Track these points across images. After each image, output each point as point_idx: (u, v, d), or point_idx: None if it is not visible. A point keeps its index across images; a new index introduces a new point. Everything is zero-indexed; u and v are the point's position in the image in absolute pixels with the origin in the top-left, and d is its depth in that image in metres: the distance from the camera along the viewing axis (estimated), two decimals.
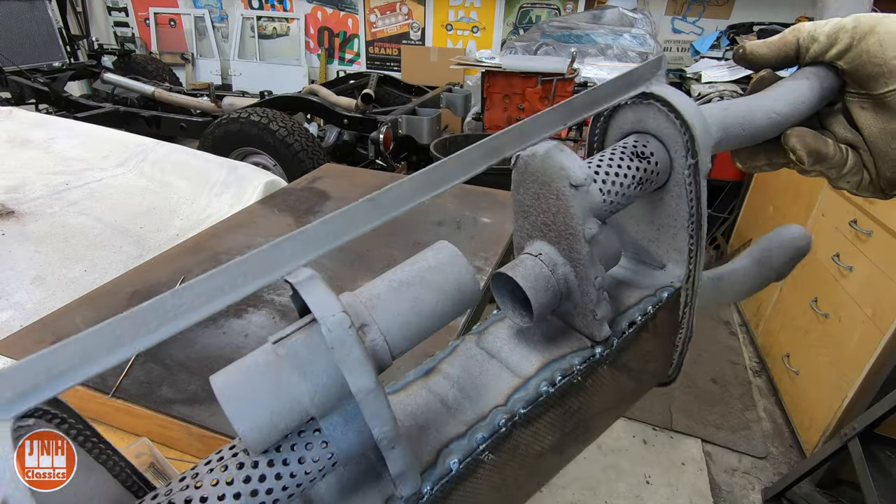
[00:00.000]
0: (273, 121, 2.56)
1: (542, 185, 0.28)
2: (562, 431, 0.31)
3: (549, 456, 0.31)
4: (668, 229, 0.33)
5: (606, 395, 0.33)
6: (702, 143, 0.29)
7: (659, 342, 0.35)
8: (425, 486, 0.25)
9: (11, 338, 0.74)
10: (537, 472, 0.31)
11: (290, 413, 0.20)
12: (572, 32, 3.44)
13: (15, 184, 1.43)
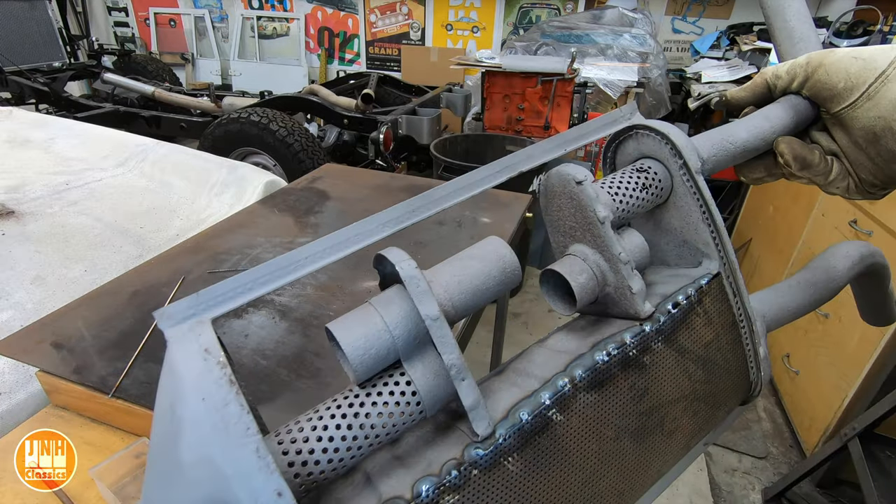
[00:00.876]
0: (273, 121, 2.56)
1: (560, 196, 0.35)
2: (636, 414, 0.32)
3: (628, 444, 0.32)
4: (689, 228, 0.37)
5: (676, 383, 0.34)
6: (682, 145, 0.35)
7: (718, 333, 0.36)
8: (498, 430, 0.27)
9: (11, 338, 0.74)
10: (621, 464, 0.32)
11: (378, 339, 0.25)
12: (572, 32, 3.44)
13: (15, 184, 1.43)
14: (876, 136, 0.36)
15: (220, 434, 0.20)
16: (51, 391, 0.71)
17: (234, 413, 0.20)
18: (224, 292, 0.24)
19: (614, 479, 0.31)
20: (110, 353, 0.71)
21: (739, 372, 0.38)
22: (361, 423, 0.25)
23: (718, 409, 0.37)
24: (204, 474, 0.20)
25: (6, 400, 0.80)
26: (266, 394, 0.64)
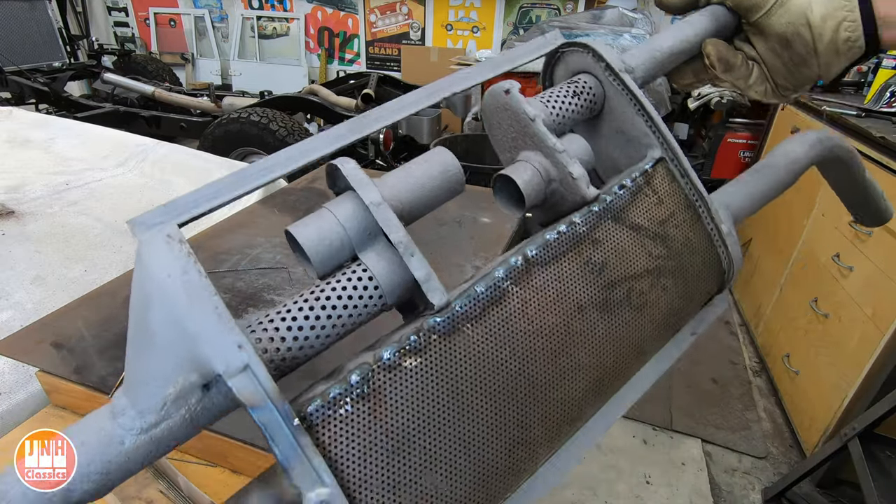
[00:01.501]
0: (273, 121, 2.56)
1: (496, 112, 0.38)
2: (598, 287, 0.33)
3: (595, 316, 0.32)
4: (628, 125, 0.39)
5: (635, 257, 0.35)
6: (602, 50, 0.38)
7: (673, 211, 0.37)
8: (455, 301, 0.28)
9: (11, 338, 0.74)
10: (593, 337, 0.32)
11: (331, 232, 0.28)
12: (572, 32, 3.43)
13: (15, 184, 1.43)
14: (788, 41, 0.40)
15: (182, 298, 0.22)
16: (51, 391, 0.71)
17: (194, 279, 0.23)
18: (189, 202, 0.27)
19: (592, 352, 0.32)
20: (110, 353, 0.71)
21: (706, 251, 0.38)
22: (324, 305, 0.27)
23: (692, 288, 0.37)
24: (173, 336, 0.23)
25: (6, 400, 0.80)
26: None
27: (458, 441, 0.26)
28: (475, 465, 0.27)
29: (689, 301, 0.37)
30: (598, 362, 0.32)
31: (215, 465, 0.64)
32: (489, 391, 0.28)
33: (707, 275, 0.38)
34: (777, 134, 2.57)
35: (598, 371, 0.32)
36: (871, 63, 2.22)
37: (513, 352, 0.29)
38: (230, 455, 0.62)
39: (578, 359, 0.31)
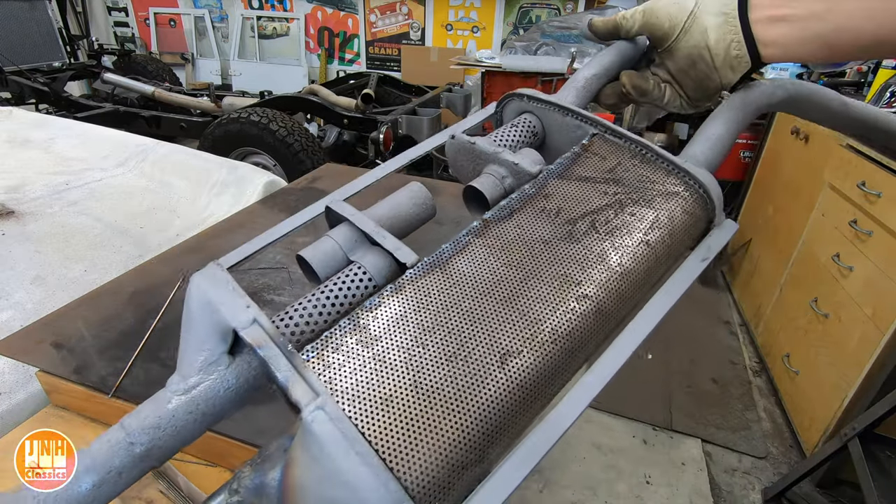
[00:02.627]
0: (273, 121, 2.56)
1: (455, 155, 0.47)
2: (559, 224, 0.36)
3: (563, 247, 0.35)
4: (564, 129, 0.46)
5: (590, 197, 0.38)
6: (529, 91, 0.47)
7: (620, 160, 0.42)
8: (423, 258, 0.34)
9: (11, 338, 0.74)
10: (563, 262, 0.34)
11: (328, 246, 0.37)
12: (572, 32, 3.44)
13: (15, 184, 1.43)
14: (693, 62, 0.47)
15: (209, 285, 0.33)
16: (51, 391, 0.71)
17: (218, 273, 0.35)
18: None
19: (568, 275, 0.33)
20: (110, 353, 0.71)
21: (669, 181, 0.40)
22: (328, 296, 0.34)
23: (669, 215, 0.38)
24: (203, 312, 0.32)
25: (6, 400, 0.80)
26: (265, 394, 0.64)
27: (433, 355, 0.29)
28: (445, 379, 0.29)
29: (672, 225, 0.38)
30: (593, 288, 0.34)
31: (215, 465, 0.64)
32: (459, 319, 0.31)
33: (685, 209, 0.40)
34: (777, 134, 2.57)
35: (594, 289, 0.33)
36: (870, 63, 2.22)
37: (485, 280, 0.33)
38: (230, 455, 0.62)
39: (552, 279, 0.34)
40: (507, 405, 0.28)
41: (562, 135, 0.46)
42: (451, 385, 0.28)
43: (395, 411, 0.27)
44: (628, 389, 2.04)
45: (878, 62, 2.01)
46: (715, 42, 0.45)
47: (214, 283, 0.34)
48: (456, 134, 0.45)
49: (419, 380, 0.28)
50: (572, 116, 0.45)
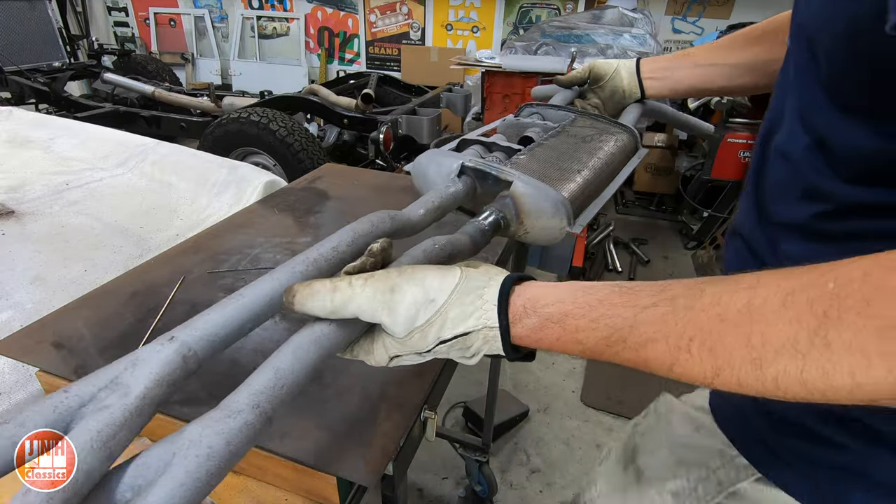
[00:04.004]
0: (273, 121, 2.56)
1: (509, 126, 0.80)
2: (579, 138, 0.74)
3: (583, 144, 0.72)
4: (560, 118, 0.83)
5: (586, 132, 0.76)
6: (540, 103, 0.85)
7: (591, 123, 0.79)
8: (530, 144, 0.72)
9: (11, 338, 0.74)
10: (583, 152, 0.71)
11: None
12: (572, 32, 3.44)
13: (15, 184, 1.43)
14: (612, 95, 0.87)
15: (436, 156, 0.66)
16: (51, 391, 0.71)
17: (439, 151, 0.67)
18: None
19: (588, 153, 0.70)
20: (110, 353, 0.71)
21: (615, 131, 0.78)
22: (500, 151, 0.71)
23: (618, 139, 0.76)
24: (440, 163, 0.65)
25: (6, 400, 0.80)
26: None
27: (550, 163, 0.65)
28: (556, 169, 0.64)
29: (619, 143, 0.76)
30: (597, 158, 0.69)
31: None
32: (556, 156, 0.67)
33: (625, 138, 0.77)
34: None
35: (597, 161, 0.69)
36: None
37: (551, 153, 0.67)
38: None
39: (580, 156, 0.69)
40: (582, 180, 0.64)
41: (556, 119, 0.82)
42: (558, 171, 0.63)
43: (543, 175, 0.61)
44: (628, 390, 2.04)
45: None
46: (627, 85, 0.86)
47: (438, 154, 0.65)
48: (508, 119, 0.83)
49: (546, 169, 0.63)
50: (563, 110, 0.83)
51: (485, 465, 1.56)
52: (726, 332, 0.30)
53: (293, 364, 0.38)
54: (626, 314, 0.34)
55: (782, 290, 0.29)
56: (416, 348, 0.40)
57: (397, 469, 0.61)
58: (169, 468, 0.31)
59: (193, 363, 0.37)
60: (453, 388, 2.09)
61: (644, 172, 3.59)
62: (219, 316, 0.39)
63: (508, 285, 0.39)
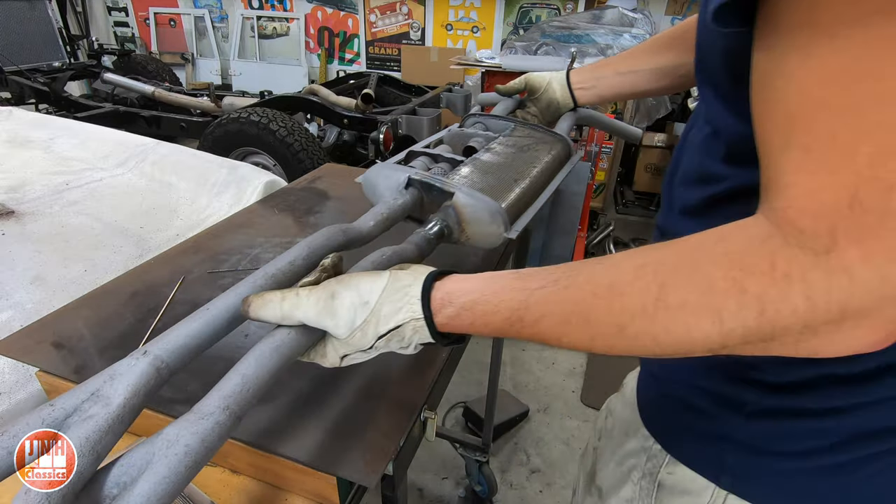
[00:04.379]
0: (273, 121, 2.56)
1: (455, 136, 0.92)
2: (517, 147, 0.83)
3: (519, 153, 0.81)
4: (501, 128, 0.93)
5: (524, 141, 0.85)
6: (482, 114, 0.96)
7: (528, 132, 0.90)
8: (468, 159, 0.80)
9: (11, 338, 0.74)
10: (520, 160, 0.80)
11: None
12: (572, 32, 3.43)
13: (15, 184, 1.43)
14: (548, 106, 0.95)
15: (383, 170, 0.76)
16: (51, 391, 0.71)
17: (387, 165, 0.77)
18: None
19: (524, 163, 0.78)
20: (110, 353, 0.71)
21: (548, 139, 0.88)
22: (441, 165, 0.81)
23: (552, 149, 0.86)
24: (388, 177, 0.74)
25: (6, 400, 0.80)
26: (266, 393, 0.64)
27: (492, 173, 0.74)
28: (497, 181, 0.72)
29: (554, 151, 0.86)
30: (532, 167, 0.78)
31: (215, 465, 0.64)
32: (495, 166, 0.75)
33: (559, 146, 0.87)
34: None
35: (526, 170, 0.77)
36: None
37: (492, 164, 0.76)
38: (230, 455, 0.62)
39: (517, 166, 0.77)
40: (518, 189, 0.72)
41: (497, 129, 0.91)
42: (496, 180, 0.71)
43: (482, 185, 0.69)
44: None
45: None
46: (560, 96, 0.93)
47: (386, 168, 0.73)
48: (452, 129, 0.92)
49: (485, 179, 0.71)
50: (503, 120, 0.92)
51: (485, 465, 1.56)
52: (596, 305, 0.36)
53: (257, 370, 0.42)
54: (520, 297, 0.39)
55: (635, 264, 0.35)
56: (360, 346, 0.45)
57: (397, 469, 0.61)
58: (151, 465, 0.34)
59: (166, 373, 0.41)
60: (453, 388, 2.09)
61: (644, 172, 3.58)
62: (187, 329, 0.44)
63: (430, 281, 0.43)
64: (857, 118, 0.26)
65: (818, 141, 0.28)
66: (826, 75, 0.27)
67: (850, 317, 0.28)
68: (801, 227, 0.28)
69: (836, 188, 0.27)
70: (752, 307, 0.29)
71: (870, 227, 0.26)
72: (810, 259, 0.28)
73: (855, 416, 0.42)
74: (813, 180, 0.28)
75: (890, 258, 0.26)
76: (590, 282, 0.36)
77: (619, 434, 0.65)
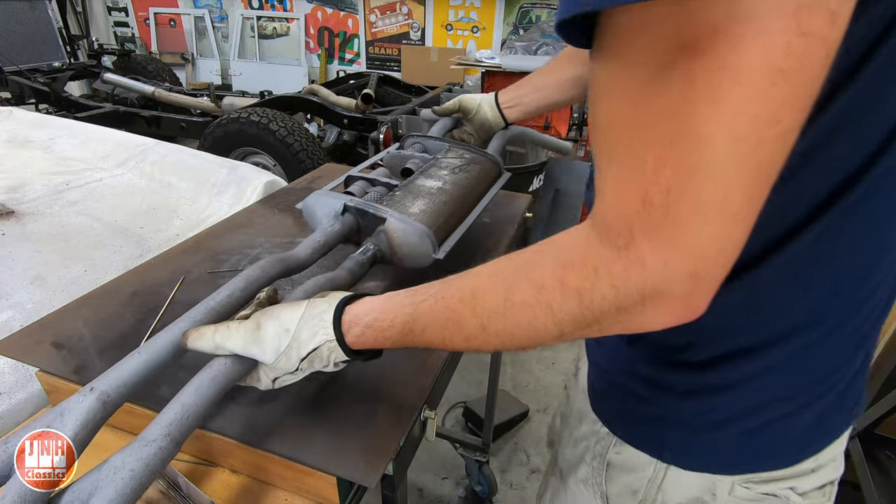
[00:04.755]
0: (273, 121, 2.56)
1: (394, 158, 0.98)
2: (451, 168, 0.88)
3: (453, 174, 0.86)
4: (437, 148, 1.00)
5: (455, 163, 0.91)
6: (421, 135, 1.02)
7: (460, 154, 0.95)
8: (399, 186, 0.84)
9: (11, 338, 0.74)
10: (461, 186, 0.85)
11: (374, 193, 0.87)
12: None
13: (15, 184, 1.43)
14: (482, 125, 1.00)
15: (321, 197, 0.79)
16: (51, 391, 0.71)
17: (323, 193, 0.81)
18: None
19: (458, 184, 0.84)
20: (110, 353, 0.71)
21: (480, 160, 0.93)
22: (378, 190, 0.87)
23: (483, 168, 0.92)
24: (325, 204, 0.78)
25: (6, 400, 0.80)
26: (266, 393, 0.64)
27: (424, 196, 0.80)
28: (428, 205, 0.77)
29: (484, 170, 0.91)
30: (462, 188, 0.84)
31: (215, 465, 0.64)
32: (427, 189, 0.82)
33: (489, 166, 0.94)
34: None
35: (462, 191, 0.84)
36: None
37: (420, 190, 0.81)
38: (230, 455, 0.62)
39: (447, 188, 0.82)
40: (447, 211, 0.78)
41: (434, 149, 0.97)
42: (427, 203, 0.77)
43: (413, 212, 0.74)
44: None
45: None
46: (491, 116, 0.99)
47: (323, 195, 0.77)
48: (391, 151, 0.99)
49: (417, 202, 0.77)
50: (439, 141, 0.98)
51: (485, 465, 1.56)
52: (463, 310, 0.42)
53: (196, 399, 0.47)
54: (409, 311, 0.46)
55: (491, 272, 0.41)
56: (286, 369, 0.50)
57: (397, 469, 0.61)
58: (99, 490, 0.38)
59: (112, 407, 0.46)
60: (453, 388, 2.09)
61: None
62: (130, 366, 0.48)
63: (342, 306, 0.50)
64: (644, 134, 0.30)
65: (619, 153, 0.32)
66: (624, 98, 0.31)
67: (649, 298, 0.33)
68: (609, 227, 0.33)
69: (632, 192, 0.31)
70: (573, 298, 0.35)
71: (656, 223, 0.31)
72: (614, 253, 0.33)
73: (749, 387, 0.48)
74: (618, 186, 0.33)
75: (671, 247, 0.31)
76: (459, 291, 0.43)
77: (574, 419, 0.69)
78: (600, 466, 0.62)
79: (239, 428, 0.60)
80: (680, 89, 0.28)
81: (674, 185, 0.29)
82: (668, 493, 0.56)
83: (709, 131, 0.28)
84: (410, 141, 1.00)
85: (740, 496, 0.53)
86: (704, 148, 0.28)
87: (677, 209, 0.30)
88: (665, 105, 0.29)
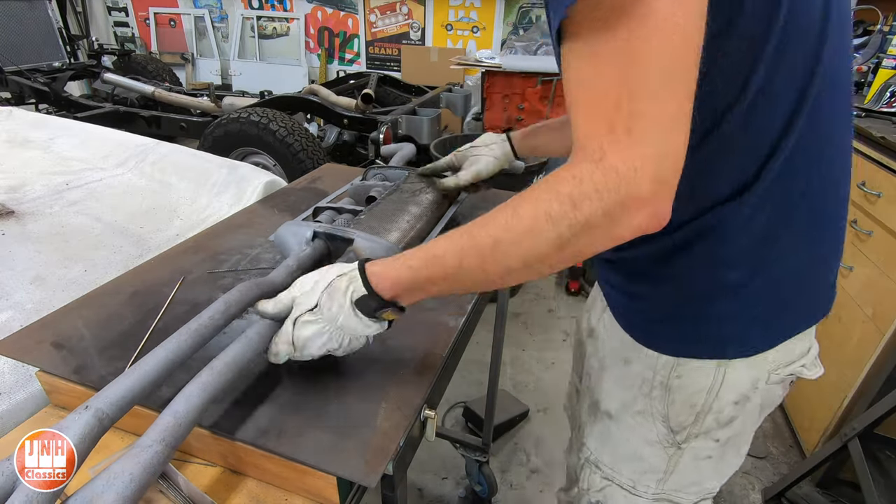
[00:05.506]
0: (273, 121, 2.56)
1: (358, 189, 1.10)
2: (410, 192, 1.00)
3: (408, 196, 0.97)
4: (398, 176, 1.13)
5: (415, 187, 1.02)
6: (382, 165, 1.16)
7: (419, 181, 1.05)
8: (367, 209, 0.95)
9: (11, 338, 0.74)
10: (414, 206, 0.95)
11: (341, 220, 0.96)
12: None
13: (15, 184, 1.43)
14: (478, 175, 1.00)
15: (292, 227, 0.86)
16: (51, 391, 0.71)
17: (294, 223, 0.87)
18: None
19: (413, 207, 0.93)
20: (110, 353, 0.71)
21: (430, 188, 1.01)
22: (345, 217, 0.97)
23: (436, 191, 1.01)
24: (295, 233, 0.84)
25: (6, 400, 0.80)
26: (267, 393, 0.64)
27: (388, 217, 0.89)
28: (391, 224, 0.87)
29: (441, 197, 1.00)
30: (423, 208, 0.93)
31: (215, 465, 0.64)
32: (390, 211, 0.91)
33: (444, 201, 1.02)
34: None
35: (424, 210, 0.93)
36: (871, 63, 2.22)
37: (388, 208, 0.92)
38: (230, 455, 0.62)
39: (410, 209, 0.92)
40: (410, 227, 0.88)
41: (394, 177, 1.08)
42: (391, 223, 0.87)
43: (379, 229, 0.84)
44: None
45: (879, 61, 2.00)
46: (503, 156, 1.01)
47: (293, 225, 0.82)
48: (355, 182, 1.10)
49: (381, 223, 0.85)
50: (399, 169, 1.09)
51: (485, 465, 1.56)
52: (478, 231, 0.52)
53: (187, 408, 0.52)
54: (427, 247, 0.57)
55: (504, 205, 0.50)
56: (307, 305, 0.59)
57: (397, 469, 0.61)
58: (101, 496, 0.41)
59: (108, 422, 0.48)
60: (453, 388, 2.09)
61: None
62: (124, 384, 0.52)
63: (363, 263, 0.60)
64: (604, 82, 0.43)
65: (588, 98, 0.44)
66: (588, 62, 0.43)
67: (627, 200, 0.42)
68: (585, 149, 0.44)
69: (599, 120, 0.43)
70: (567, 203, 0.44)
71: (620, 139, 0.42)
72: (592, 166, 0.43)
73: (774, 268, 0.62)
74: (588, 118, 0.44)
75: (635, 154, 0.42)
76: (473, 223, 0.53)
77: (617, 366, 0.75)
78: (662, 394, 0.69)
79: (239, 428, 0.60)
80: (625, 37, 0.40)
81: (628, 109, 0.41)
82: (722, 398, 0.65)
83: (645, 64, 0.40)
84: (372, 172, 1.11)
85: (774, 381, 0.67)
86: (646, 77, 0.41)
87: (634, 126, 0.41)
88: (612, 53, 0.41)
